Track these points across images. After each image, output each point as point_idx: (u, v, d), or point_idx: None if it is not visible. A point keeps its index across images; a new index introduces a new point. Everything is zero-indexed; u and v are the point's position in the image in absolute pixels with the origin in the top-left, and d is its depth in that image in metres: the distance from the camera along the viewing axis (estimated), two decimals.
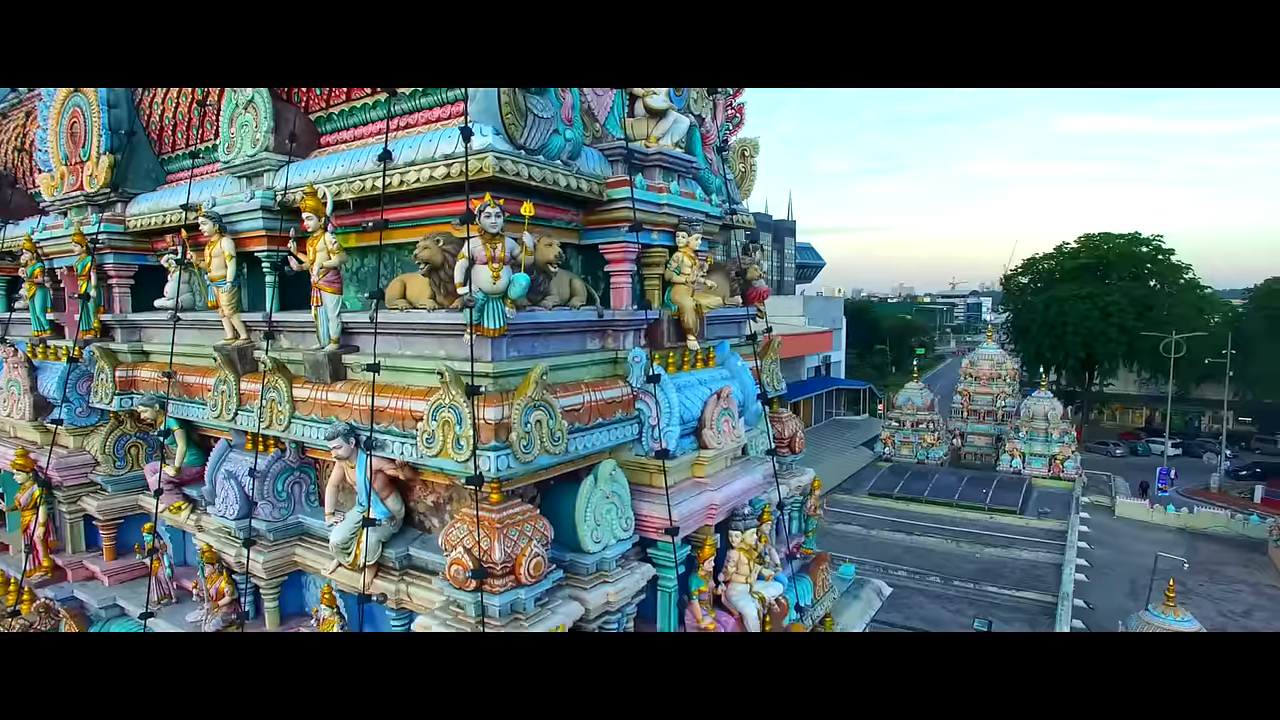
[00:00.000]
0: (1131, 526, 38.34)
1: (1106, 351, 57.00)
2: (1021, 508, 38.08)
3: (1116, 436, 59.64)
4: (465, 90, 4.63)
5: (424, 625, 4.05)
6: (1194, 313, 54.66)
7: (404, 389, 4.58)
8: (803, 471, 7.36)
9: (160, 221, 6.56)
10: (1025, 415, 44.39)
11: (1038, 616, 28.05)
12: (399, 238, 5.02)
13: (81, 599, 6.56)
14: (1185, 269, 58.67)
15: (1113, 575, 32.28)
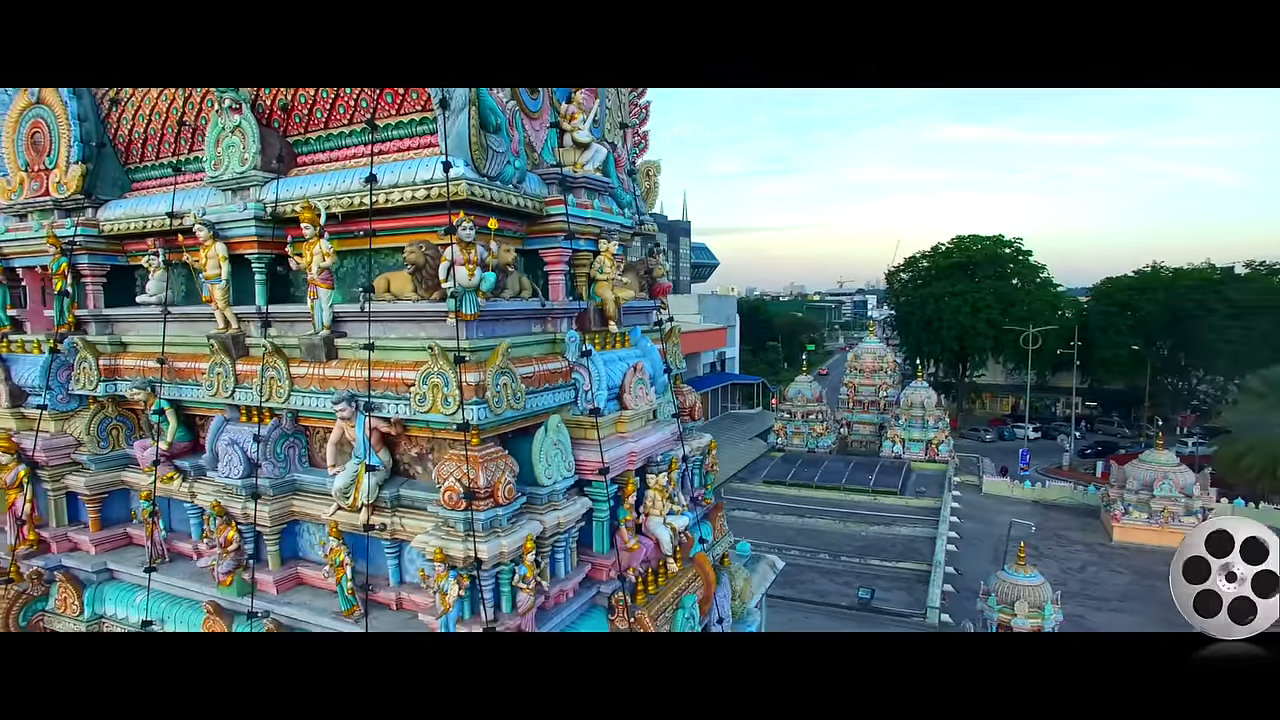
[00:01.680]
0: (996, 502, 43.17)
1: (976, 344, 63.14)
2: (901, 489, 42.15)
3: (986, 423, 66.03)
4: (438, 125, 6.06)
5: (422, 542, 5.46)
6: (1049, 308, 61.46)
7: (393, 363, 5.95)
8: (701, 436, 9.12)
9: (140, 226, 7.52)
10: (904, 404, 48.87)
11: (914, 584, 31.53)
12: (378, 244, 6.36)
13: (70, 566, 7.42)
14: (1041, 269, 65.76)
15: (979, 545, 36.49)
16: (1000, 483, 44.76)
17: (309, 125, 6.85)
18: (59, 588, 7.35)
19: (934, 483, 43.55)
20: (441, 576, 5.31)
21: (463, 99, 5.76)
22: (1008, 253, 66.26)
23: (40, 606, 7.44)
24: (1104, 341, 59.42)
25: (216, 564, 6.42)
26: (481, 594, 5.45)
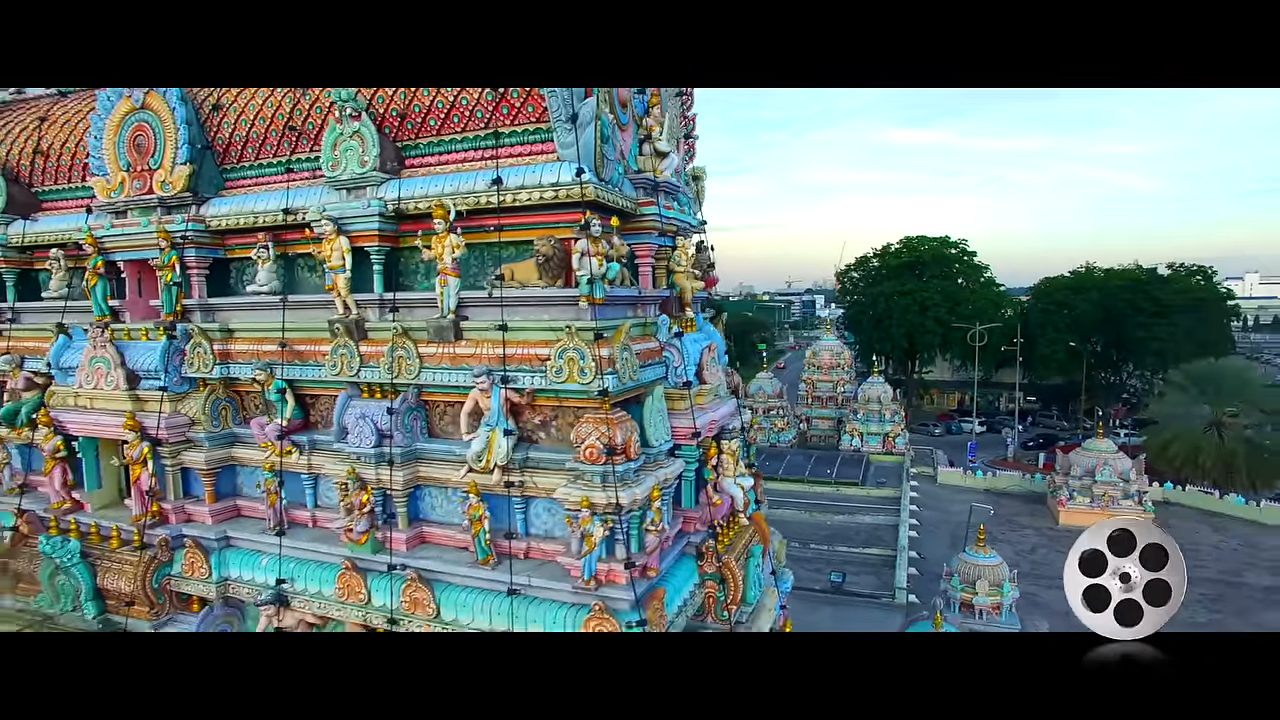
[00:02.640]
0: (950, 491, 45.64)
1: (925, 342, 66.07)
2: (862, 480, 44.19)
3: (935, 418, 69.16)
4: (569, 137, 6.99)
5: (565, 494, 6.39)
6: (992, 307, 64.78)
7: (522, 341, 6.86)
8: (744, 411, 10.23)
9: (250, 221, 8.20)
10: (862, 399, 51.06)
11: (881, 568, 33.38)
12: (499, 238, 7.24)
13: (192, 534, 8.04)
14: (985, 269, 69.21)
15: (937, 531, 38.70)
16: (954, 473, 47.29)
17: (420, 131, 7.68)
18: (186, 554, 7.97)
19: (892, 474, 45.73)
20: (586, 521, 6.26)
21: (589, 114, 6.72)
22: (954, 253, 69.48)
23: (168, 570, 8.04)
24: (1043, 339, 63.00)
25: (353, 524, 7.20)
26: (618, 536, 6.42)
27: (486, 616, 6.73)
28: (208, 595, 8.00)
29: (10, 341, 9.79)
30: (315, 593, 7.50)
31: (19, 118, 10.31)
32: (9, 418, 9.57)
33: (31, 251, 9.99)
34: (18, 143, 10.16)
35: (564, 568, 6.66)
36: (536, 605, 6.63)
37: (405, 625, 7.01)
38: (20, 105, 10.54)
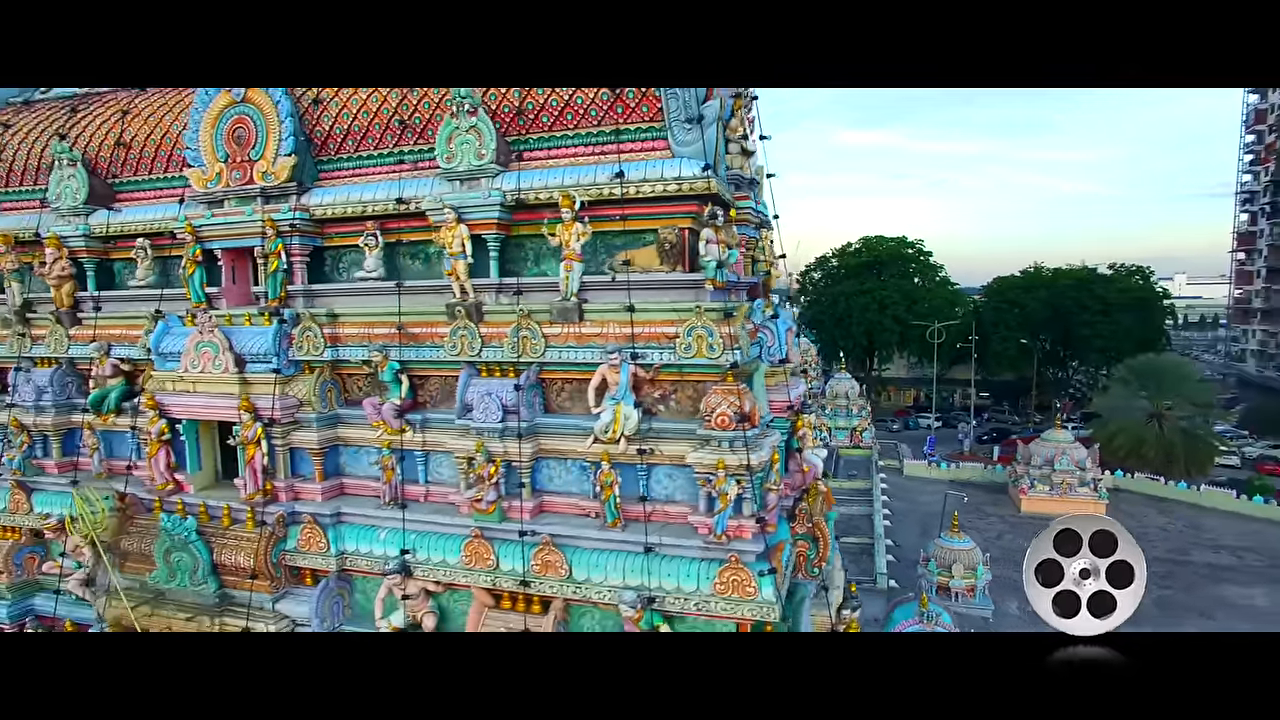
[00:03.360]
0: (917, 483, 47.54)
1: (883, 340, 68.33)
2: (834, 473, 45.64)
3: (892, 414, 71.51)
4: (668, 133, 7.62)
5: (696, 458, 7.02)
6: (947, 305, 67.35)
7: (645, 320, 7.46)
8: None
9: (358, 210, 8.58)
10: (830, 395, 52.61)
11: (860, 556, 34.67)
12: (616, 227, 7.82)
13: (308, 511, 8.38)
14: (940, 268, 71.90)
15: (908, 520, 40.38)
16: (919, 465, 49.26)
17: (531, 127, 8.21)
18: (303, 530, 8.30)
19: (861, 467, 47.28)
20: (721, 481, 6.91)
21: (713, 115, 7.38)
22: (910, 253, 71.99)
23: (284, 546, 8.36)
24: (996, 336, 65.84)
25: (481, 495, 7.68)
26: (745, 495, 7.08)
27: (620, 574, 7.31)
28: (325, 568, 8.35)
29: (96, 329, 9.89)
30: (439, 561, 7.94)
31: (99, 111, 10.41)
32: (96, 404, 9.70)
33: (113, 241, 10.11)
34: (98, 135, 10.26)
35: (692, 526, 7.29)
36: (668, 562, 7.24)
37: (536, 587, 7.52)
38: (96, 98, 10.62)
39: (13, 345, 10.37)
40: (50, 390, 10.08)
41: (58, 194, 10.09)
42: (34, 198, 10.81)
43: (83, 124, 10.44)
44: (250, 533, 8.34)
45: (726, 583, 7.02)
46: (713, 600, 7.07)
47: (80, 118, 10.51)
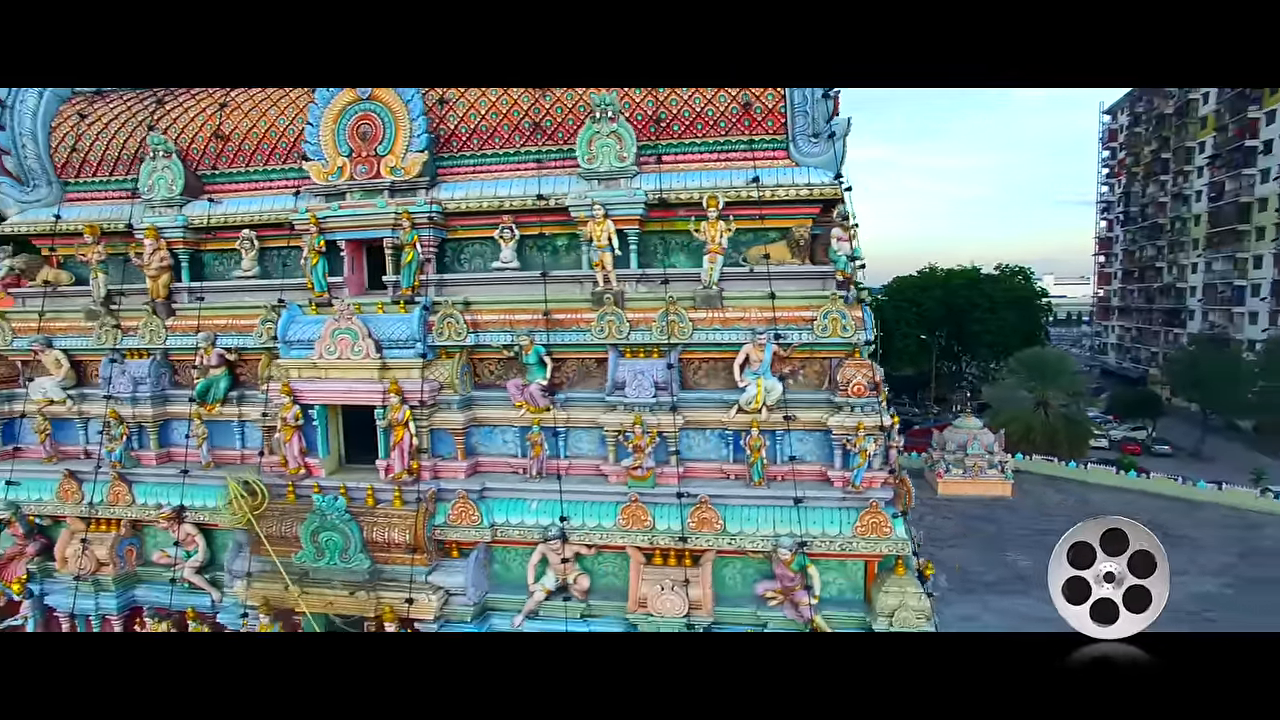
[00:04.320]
0: None
1: None
2: None
3: None
4: (790, 144, 8.80)
5: (838, 421, 8.22)
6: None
7: (782, 306, 8.58)
8: None
9: (494, 204, 9.23)
10: None
11: None
12: (749, 225, 8.90)
13: (460, 488, 8.93)
14: None
15: None
16: None
17: (663, 134, 9.16)
18: (455, 505, 8.85)
19: None
20: (861, 440, 8.14)
21: (841, 129, 8.60)
22: None
23: (436, 521, 8.88)
24: (897, 333, 70.81)
25: (639, 463, 8.57)
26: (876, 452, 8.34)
27: (770, 525, 8.40)
28: (476, 540, 8.94)
29: (201, 319, 9.95)
30: (594, 526, 8.74)
31: (191, 103, 10.42)
32: (203, 394, 9.80)
33: (212, 232, 10.18)
34: (190, 127, 10.29)
35: (828, 480, 8.50)
36: (812, 512, 8.40)
37: (693, 542, 8.49)
38: (183, 91, 10.59)
39: (101, 337, 10.21)
40: (147, 382, 10.04)
41: (150, 185, 10.07)
42: (111, 188, 10.67)
43: (172, 116, 10.42)
44: (401, 510, 8.82)
45: (866, 525, 8.27)
46: (854, 541, 8.30)
47: (169, 110, 10.49)
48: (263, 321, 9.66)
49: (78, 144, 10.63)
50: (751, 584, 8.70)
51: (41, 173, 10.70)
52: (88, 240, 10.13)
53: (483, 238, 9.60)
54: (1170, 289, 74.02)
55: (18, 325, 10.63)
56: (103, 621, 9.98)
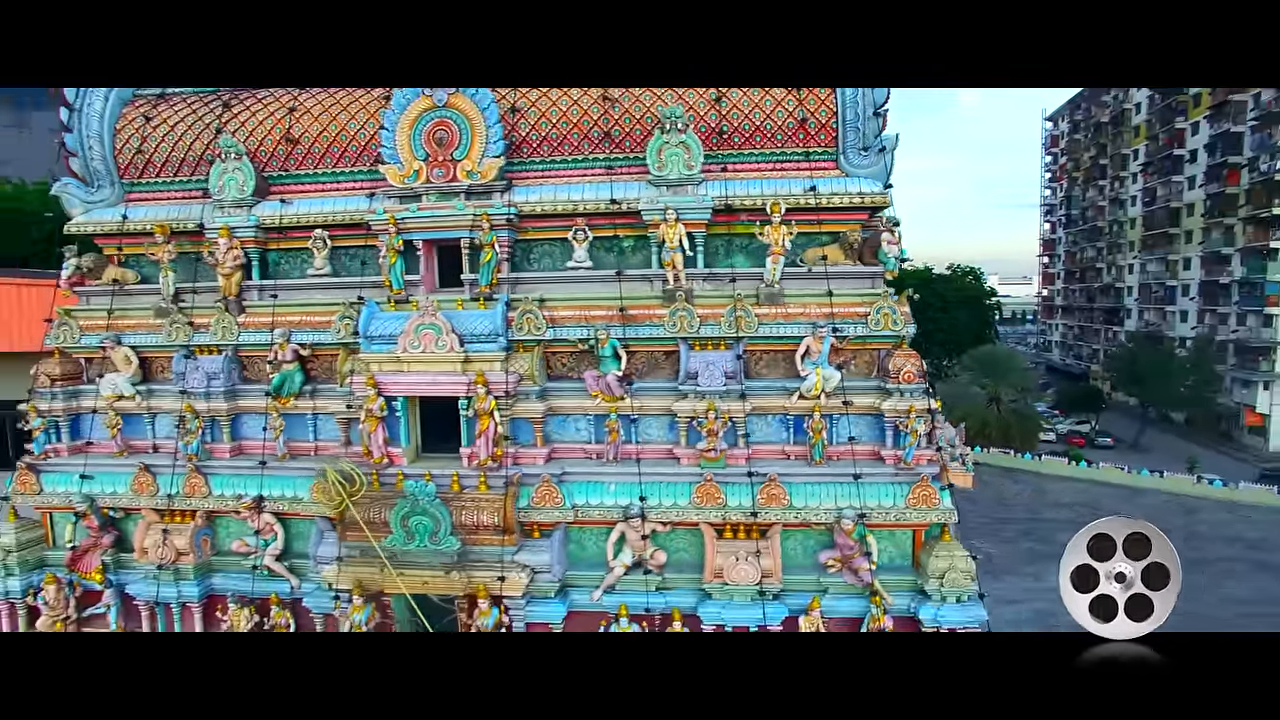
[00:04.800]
0: None
1: None
2: None
3: None
4: (840, 156, 9.79)
5: (891, 405, 9.22)
6: None
7: (840, 302, 9.54)
8: None
9: (570, 208, 9.95)
10: None
11: None
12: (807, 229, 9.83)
13: (543, 472, 9.63)
14: None
15: None
16: None
17: (723, 145, 10.04)
18: (539, 488, 9.54)
19: None
20: (912, 421, 9.17)
21: (891, 143, 9.61)
22: None
23: (520, 504, 9.55)
24: None
25: (712, 446, 9.42)
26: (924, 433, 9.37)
27: (831, 499, 9.36)
28: (559, 520, 9.64)
29: (275, 316, 10.39)
30: (670, 505, 9.55)
31: (258, 107, 10.82)
32: (278, 388, 10.26)
33: (284, 232, 10.62)
34: (261, 129, 10.72)
35: (880, 458, 9.50)
36: (868, 487, 9.38)
37: (763, 516, 9.37)
38: (249, 94, 10.98)
39: (172, 333, 10.54)
40: (220, 377, 10.42)
41: (220, 186, 10.46)
42: (174, 189, 11.01)
43: (240, 120, 10.82)
44: (488, 494, 9.47)
45: (917, 497, 9.30)
46: (907, 512, 9.32)
47: (236, 113, 10.88)
48: (340, 318, 10.17)
49: (143, 146, 10.93)
50: (812, 554, 9.63)
51: (106, 174, 10.96)
52: (158, 240, 10.47)
53: (551, 239, 10.31)
54: (1109, 289, 78.39)
55: (85, 323, 10.87)
56: (183, 609, 10.33)
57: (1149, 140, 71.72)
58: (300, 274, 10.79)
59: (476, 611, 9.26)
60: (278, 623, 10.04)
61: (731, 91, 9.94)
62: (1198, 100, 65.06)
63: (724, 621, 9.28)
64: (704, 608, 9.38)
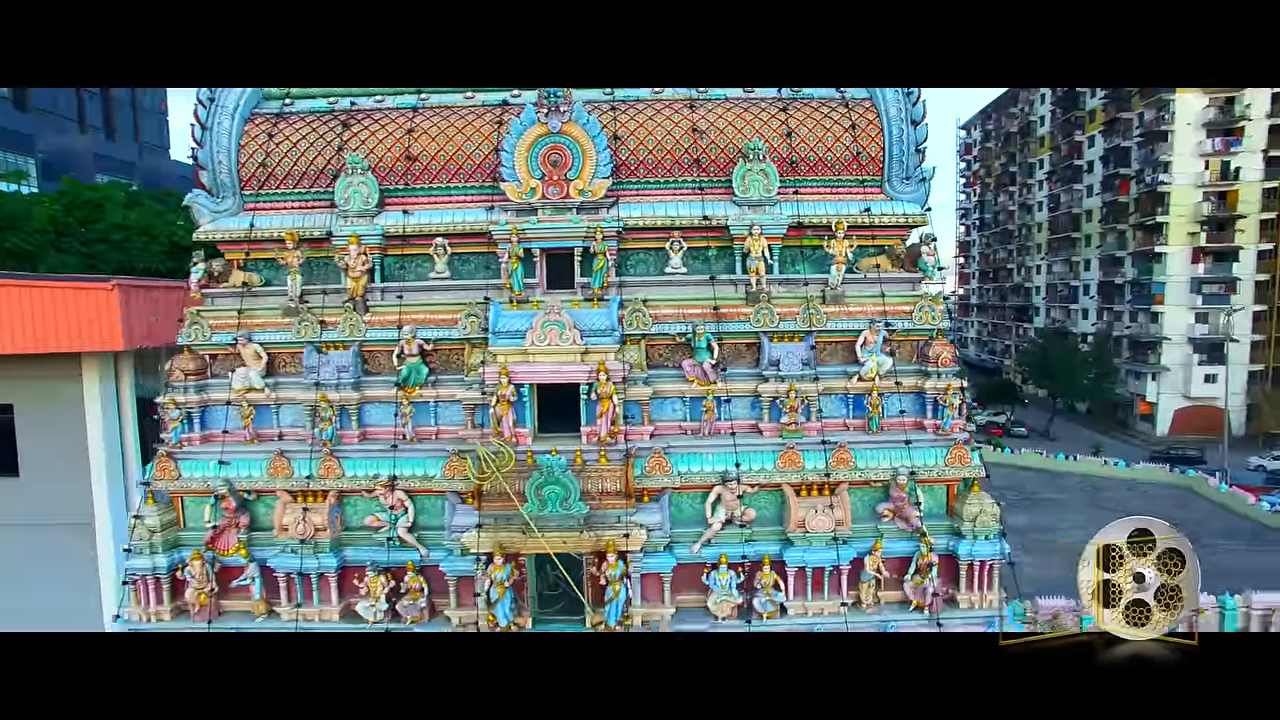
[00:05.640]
0: None
1: None
2: None
3: None
4: (885, 184, 12.31)
5: (932, 384, 11.76)
6: None
7: (887, 302, 12.01)
8: None
9: (669, 222, 12.03)
10: None
11: None
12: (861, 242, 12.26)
13: (644, 447, 11.63)
14: None
15: None
16: None
17: (790, 172, 12.35)
18: (650, 460, 11.55)
19: None
20: (950, 396, 11.74)
21: (930, 173, 12.15)
22: None
23: (634, 473, 11.53)
24: None
25: (794, 419, 11.69)
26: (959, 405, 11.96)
27: (887, 461, 11.79)
28: (668, 485, 11.68)
29: (402, 315, 11.96)
30: (758, 469, 11.76)
31: (376, 127, 12.34)
32: (406, 379, 11.86)
33: (405, 239, 12.20)
34: (381, 148, 12.25)
35: (922, 427, 12.03)
36: (916, 451, 11.87)
37: (835, 476, 11.70)
38: (364, 114, 12.46)
39: (299, 331, 11.92)
40: (349, 369, 11.92)
41: (346, 198, 11.97)
42: (292, 199, 12.39)
43: (361, 138, 12.33)
44: (609, 465, 11.43)
45: (954, 458, 11.87)
46: (946, 469, 11.89)
47: (356, 132, 12.37)
48: (466, 316, 11.86)
49: (266, 160, 12.26)
50: (870, 507, 12.06)
51: (230, 186, 12.23)
52: (288, 246, 11.86)
53: (647, 248, 12.36)
54: (1020, 288, 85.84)
55: (214, 322, 12.10)
56: (320, 579, 11.76)
57: (1053, 151, 79.21)
58: (417, 277, 12.40)
59: (605, 564, 11.19)
60: (412, 587, 11.64)
61: (800, 127, 12.28)
62: (1093, 116, 72.52)
63: (806, 563, 11.59)
64: (789, 552, 11.66)
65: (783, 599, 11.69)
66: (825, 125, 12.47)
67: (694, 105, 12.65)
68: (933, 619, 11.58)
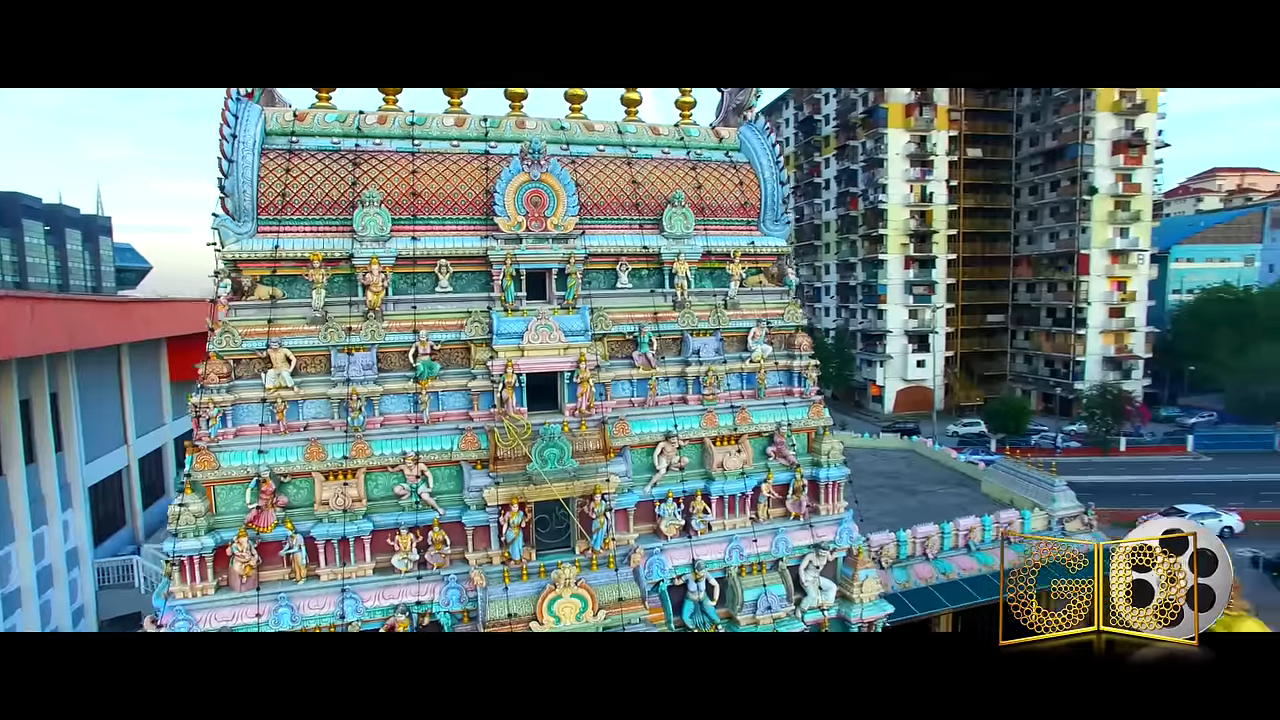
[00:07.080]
0: None
1: None
2: None
3: None
4: (760, 223, 18.13)
5: (799, 363, 17.69)
6: None
7: (769, 307, 17.72)
8: None
9: (617, 250, 16.61)
10: None
11: None
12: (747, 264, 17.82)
13: (608, 417, 16.11)
14: None
15: None
16: None
17: (699, 213, 17.58)
18: (617, 425, 16.04)
19: None
20: (809, 372, 17.75)
21: (789, 217, 17.96)
22: None
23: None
24: None
25: (712, 393, 16.91)
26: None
27: (771, 417, 17.46)
28: (628, 444, 16.22)
29: (416, 322, 15.21)
30: (688, 428, 16.78)
31: (382, 167, 15.40)
32: (422, 374, 15.24)
33: (414, 260, 15.44)
34: (389, 185, 15.37)
35: (793, 394, 17.90)
36: (791, 409, 17.67)
37: (740, 430, 17.08)
38: (369, 155, 15.41)
39: (325, 336, 14.69)
40: (373, 367, 14.98)
41: (363, 225, 15.00)
42: (304, 225, 15.07)
43: (370, 175, 15.33)
44: (589, 431, 15.75)
45: (814, 414, 17.88)
46: (808, 421, 17.86)
47: (365, 170, 15.34)
48: (471, 321, 15.49)
49: (285, 190, 14.83)
50: (762, 450, 17.66)
51: (249, 211, 14.61)
52: (315, 265, 14.63)
53: (602, 269, 16.85)
54: None
55: (243, 330, 14.42)
56: (356, 542, 14.66)
57: (797, 169, 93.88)
58: (423, 291, 15.72)
59: (591, 503, 15.52)
60: (437, 539, 15.05)
61: (706, 182, 17.57)
62: (828, 141, 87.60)
63: (724, 492, 16.90)
64: (712, 486, 16.87)
65: (710, 519, 16.88)
66: (723, 181, 17.89)
67: (630, 162, 17.39)
68: (805, 524, 17.50)
